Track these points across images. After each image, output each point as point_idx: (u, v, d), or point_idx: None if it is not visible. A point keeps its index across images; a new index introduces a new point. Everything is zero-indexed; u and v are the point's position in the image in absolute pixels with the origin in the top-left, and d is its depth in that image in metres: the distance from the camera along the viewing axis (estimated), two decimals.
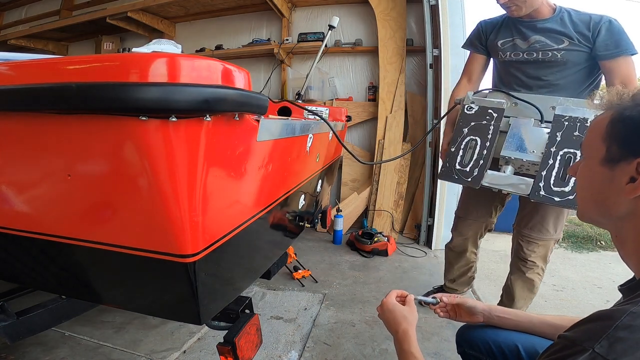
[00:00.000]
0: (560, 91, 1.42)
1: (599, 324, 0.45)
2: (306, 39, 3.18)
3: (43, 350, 1.48)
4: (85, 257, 0.78)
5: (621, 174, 0.50)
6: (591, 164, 0.55)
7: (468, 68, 1.69)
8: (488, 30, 1.58)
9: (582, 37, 1.35)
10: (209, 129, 0.63)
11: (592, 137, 0.55)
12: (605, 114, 0.54)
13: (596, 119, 0.57)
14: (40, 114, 0.65)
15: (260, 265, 1.19)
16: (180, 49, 1.06)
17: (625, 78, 1.31)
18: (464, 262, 1.82)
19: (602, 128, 0.53)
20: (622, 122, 0.50)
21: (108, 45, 3.95)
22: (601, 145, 0.53)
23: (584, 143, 0.59)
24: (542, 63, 1.43)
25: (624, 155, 0.50)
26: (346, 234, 3.02)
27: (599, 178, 0.54)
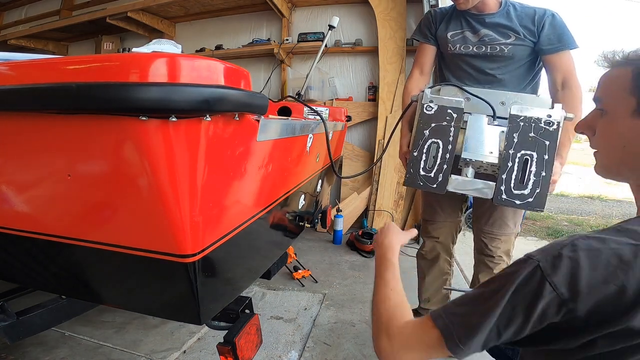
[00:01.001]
0: (505, 86, 1.41)
1: (556, 243, 0.51)
2: (306, 39, 3.18)
3: (43, 350, 1.48)
4: (85, 257, 0.78)
5: None
6: (619, 118, 0.56)
7: (419, 59, 1.61)
8: (438, 19, 1.53)
9: (527, 32, 1.36)
10: (209, 129, 0.63)
11: (615, 92, 0.56)
12: (621, 70, 0.56)
13: (611, 75, 0.58)
14: (40, 114, 0.65)
15: (260, 265, 1.19)
16: (180, 49, 1.06)
17: (567, 72, 1.34)
18: (437, 272, 1.68)
19: (626, 82, 0.54)
20: None
21: (108, 45, 3.95)
22: (629, 98, 0.54)
23: (602, 99, 0.59)
24: (490, 57, 1.42)
25: None
26: (346, 234, 3.02)
27: (632, 129, 0.55)
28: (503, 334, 0.52)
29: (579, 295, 0.47)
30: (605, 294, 0.46)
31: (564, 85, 1.34)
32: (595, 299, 0.47)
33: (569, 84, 1.35)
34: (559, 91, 1.35)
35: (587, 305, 0.47)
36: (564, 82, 1.35)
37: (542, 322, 0.50)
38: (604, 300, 0.46)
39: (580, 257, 0.48)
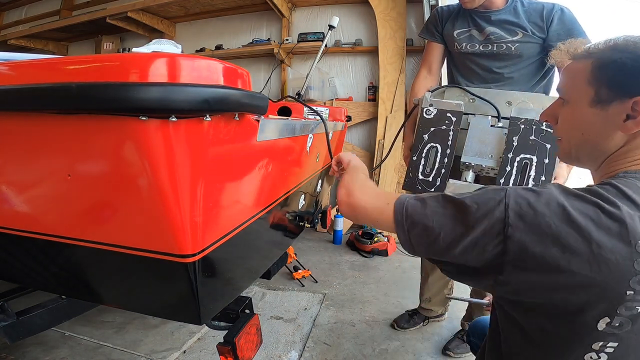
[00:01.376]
0: (514, 85, 1.39)
1: (527, 188, 0.55)
2: (306, 39, 3.17)
3: (43, 350, 1.48)
4: (85, 257, 0.78)
5: (616, 113, 0.56)
6: (578, 106, 0.60)
7: (427, 58, 1.60)
8: (444, 17, 1.51)
9: (535, 28, 1.32)
10: (209, 129, 0.63)
11: (575, 83, 0.60)
12: (583, 62, 0.60)
13: (572, 67, 0.62)
14: (40, 114, 0.65)
15: (260, 265, 1.19)
16: (180, 49, 1.06)
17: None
18: (439, 273, 1.67)
19: (586, 73, 0.58)
20: (607, 67, 0.56)
21: (108, 45, 3.95)
22: (587, 88, 0.58)
23: (563, 89, 0.64)
24: (497, 55, 1.39)
25: (616, 95, 0.55)
26: (346, 234, 3.02)
27: (590, 118, 0.59)
28: (442, 237, 0.56)
29: (521, 224, 0.51)
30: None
31: None
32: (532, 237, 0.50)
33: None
34: None
35: (522, 237, 0.50)
36: None
37: (477, 245, 0.53)
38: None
39: (541, 204, 0.51)
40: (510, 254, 0.51)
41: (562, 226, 0.49)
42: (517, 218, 0.51)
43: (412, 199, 0.63)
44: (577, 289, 0.49)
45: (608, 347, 0.51)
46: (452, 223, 0.56)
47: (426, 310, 1.74)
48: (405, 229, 0.61)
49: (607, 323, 0.50)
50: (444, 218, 0.57)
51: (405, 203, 0.63)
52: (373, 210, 0.69)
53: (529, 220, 0.50)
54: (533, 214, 0.51)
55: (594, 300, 0.49)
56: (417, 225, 0.60)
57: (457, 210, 0.56)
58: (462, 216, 0.55)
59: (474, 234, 0.53)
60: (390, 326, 1.76)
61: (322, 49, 1.74)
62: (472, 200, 0.56)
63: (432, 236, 0.58)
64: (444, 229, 0.56)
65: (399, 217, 0.62)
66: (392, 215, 0.64)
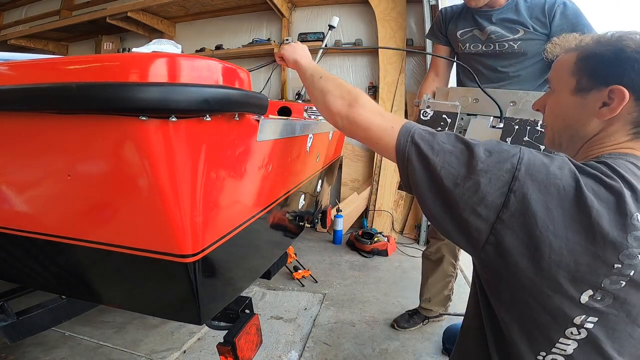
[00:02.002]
0: (521, 83, 1.37)
1: (540, 152, 0.56)
2: (306, 39, 3.17)
3: (43, 350, 1.48)
4: (85, 257, 0.78)
5: (593, 101, 0.59)
6: (561, 95, 0.64)
7: (434, 61, 1.59)
8: (448, 19, 1.50)
9: (538, 24, 1.29)
10: (209, 129, 0.63)
11: (561, 74, 0.64)
12: (570, 54, 0.63)
13: (560, 59, 0.66)
14: (40, 114, 0.65)
15: (260, 265, 1.19)
16: (180, 49, 1.06)
17: None
18: (440, 274, 1.67)
19: (570, 64, 0.62)
20: (589, 58, 0.60)
21: (108, 45, 3.95)
22: (570, 78, 0.62)
23: (552, 80, 0.67)
24: (500, 55, 1.37)
25: (595, 84, 0.59)
26: (346, 234, 3.02)
27: (571, 106, 0.63)
28: (442, 174, 0.55)
29: (528, 180, 0.51)
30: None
31: None
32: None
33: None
34: None
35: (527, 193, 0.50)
36: None
37: (478, 192, 0.52)
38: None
39: (554, 166, 0.52)
40: (509, 210, 0.51)
41: (570, 192, 0.49)
42: (527, 174, 0.51)
43: (420, 127, 0.62)
44: (568, 256, 0.49)
45: (588, 321, 0.52)
46: (457, 162, 0.55)
47: (426, 310, 1.74)
48: (405, 158, 0.60)
49: (589, 296, 0.51)
50: (450, 155, 0.56)
51: (412, 130, 0.61)
52: (377, 129, 0.66)
53: (539, 178, 0.50)
54: (545, 173, 0.51)
55: (582, 270, 0.49)
56: (419, 157, 0.58)
57: (467, 151, 0.55)
58: (469, 159, 0.54)
59: (477, 178, 0.52)
60: (390, 326, 1.76)
61: (322, 49, 1.74)
62: (484, 147, 0.55)
63: (431, 170, 0.56)
64: (445, 166, 0.55)
65: (402, 144, 0.60)
66: (394, 140, 0.61)
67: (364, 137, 0.69)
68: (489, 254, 0.54)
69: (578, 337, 0.53)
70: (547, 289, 0.51)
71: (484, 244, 0.53)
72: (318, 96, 0.80)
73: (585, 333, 0.52)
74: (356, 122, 0.69)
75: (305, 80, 0.87)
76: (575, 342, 0.53)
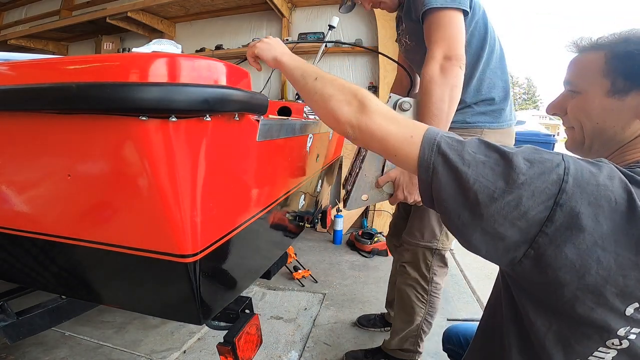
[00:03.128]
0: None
1: (583, 158, 0.53)
2: (306, 39, 3.18)
3: (43, 350, 1.48)
4: (85, 257, 0.78)
5: (634, 102, 0.56)
6: (591, 97, 0.60)
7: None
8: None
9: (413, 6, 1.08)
10: (209, 129, 0.63)
11: (588, 74, 0.60)
12: (594, 54, 0.60)
13: (582, 59, 0.62)
14: (40, 114, 0.65)
15: (260, 265, 1.19)
16: (180, 49, 1.06)
17: (429, 46, 0.99)
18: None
19: (599, 65, 0.58)
20: (623, 58, 0.56)
21: (108, 45, 3.95)
22: (603, 80, 0.58)
23: (575, 81, 0.63)
24: (412, 50, 1.25)
25: (633, 85, 0.56)
26: (346, 234, 3.02)
27: (607, 108, 0.59)
28: (476, 189, 0.50)
29: (577, 189, 0.47)
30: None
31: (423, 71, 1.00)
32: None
33: (424, 69, 0.99)
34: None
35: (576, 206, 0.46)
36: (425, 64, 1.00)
37: (519, 207, 0.48)
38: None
39: (603, 175, 0.48)
40: (554, 224, 0.46)
41: (622, 204, 0.45)
42: (575, 185, 0.46)
43: (445, 135, 0.56)
44: (617, 271, 0.46)
45: (632, 333, 0.49)
46: (492, 174, 0.50)
47: (388, 315, 1.75)
48: (430, 171, 0.54)
49: (635, 309, 0.48)
50: (484, 167, 0.50)
51: (437, 139, 0.55)
52: (395, 139, 0.59)
53: (589, 190, 0.46)
54: (595, 184, 0.46)
55: (631, 285, 0.46)
56: (447, 169, 0.52)
57: (503, 162, 0.50)
58: (508, 170, 0.49)
59: (519, 192, 0.47)
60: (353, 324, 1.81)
61: (322, 49, 1.74)
62: (523, 156, 0.50)
63: (463, 185, 0.51)
64: (479, 179, 0.50)
65: (427, 154, 0.55)
66: (416, 151, 0.56)
67: (380, 148, 0.63)
68: (526, 268, 0.50)
69: (619, 347, 0.50)
70: (591, 302, 0.48)
71: (522, 258, 0.50)
72: (318, 101, 0.71)
73: (627, 343, 0.50)
74: (370, 132, 0.62)
75: (296, 83, 0.78)
76: (615, 350, 0.51)
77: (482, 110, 1.20)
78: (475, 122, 1.20)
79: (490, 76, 1.18)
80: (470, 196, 0.50)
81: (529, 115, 13.57)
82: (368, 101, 0.65)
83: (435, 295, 1.33)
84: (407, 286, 1.34)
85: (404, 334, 1.37)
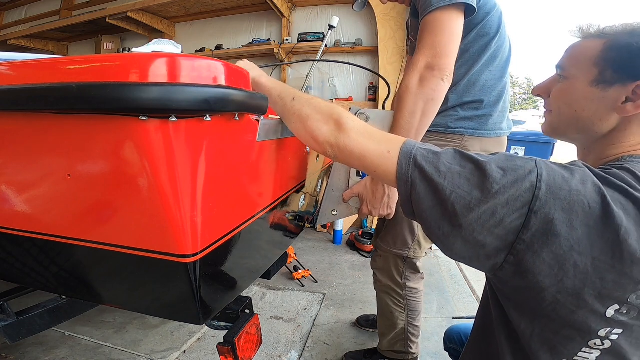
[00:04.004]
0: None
1: (557, 163, 0.53)
2: (306, 39, 3.18)
3: (43, 350, 1.48)
4: (85, 257, 0.78)
5: (615, 95, 0.56)
6: (577, 84, 0.60)
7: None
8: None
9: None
10: (209, 129, 0.63)
11: (580, 61, 0.60)
12: (593, 42, 0.59)
13: (580, 45, 0.61)
14: (40, 114, 0.65)
15: (260, 265, 1.19)
16: (180, 49, 1.06)
17: (418, 49, 0.95)
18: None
19: (594, 53, 0.57)
20: (620, 50, 0.55)
21: (108, 45, 3.95)
22: (592, 68, 0.58)
23: (565, 66, 0.62)
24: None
25: (620, 78, 0.55)
26: (346, 234, 3.02)
27: (588, 97, 0.58)
28: (453, 199, 0.50)
29: (550, 197, 0.47)
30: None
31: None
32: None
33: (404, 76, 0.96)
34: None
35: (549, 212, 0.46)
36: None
37: (495, 215, 0.48)
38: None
39: (576, 180, 0.48)
40: (530, 231, 0.47)
41: (595, 209, 0.46)
42: (549, 192, 0.47)
43: (421, 148, 0.56)
44: (594, 274, 0.47)
45: (613, 333, 0.50)
46: (468, 185, 0.50)
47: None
48: (408, 184, 0.55)
49: (615, 310, 0.48)
50: (460, 178, 0.51)
51: (413, 152, 0.56)
52: (373, 156, 0.60)
53: (562, 196, 0.46)
54: (568, 190, 0.46)
55: (609, 287, 0.47)
56: (424, 181, 0.53)
57: (477, 172, 0.51)
58: (482, 180, 0.50)
59: (494, 202, 0.48)
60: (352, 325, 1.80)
61: (322, 49, 1.74)
62: (496, 164, 0.50)
63: (440, 196, 0.51)
64: (456, 190, 0.50)
65: (404, 168, 0.55)
66: (394, 166, 0.56)
67: (360, 165, 0.64)
68: (508, 273, 0.51)
69: (602, 347, 0.51)
70: (571, 305, 0.49)
71: (502, 264, 0.50)
72: (296, 122, 0.73)
73: (610, 343, 0.51)
74: (349, 150, 0.63)
75: (274, 104, 0.78)
76: (598, 351, 0.52)
77: (466, 115, 1.14)
78: (458, 127, 1.14)
79: (486, 78, 1.14)
80: (449, 207, 0.51)
81: (529, 115, 13.57)
82: (345, 119, 0.65)
83: (413, 299, 1.32)
84: (383, 293, 1.34)
85: (392, 337, 1.37)
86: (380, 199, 0.99)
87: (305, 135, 0.72)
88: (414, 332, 1.36)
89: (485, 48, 1.11)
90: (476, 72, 1.13)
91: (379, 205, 0.99)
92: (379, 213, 1.01)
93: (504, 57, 1.17)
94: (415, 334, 1.36)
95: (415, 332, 1.36)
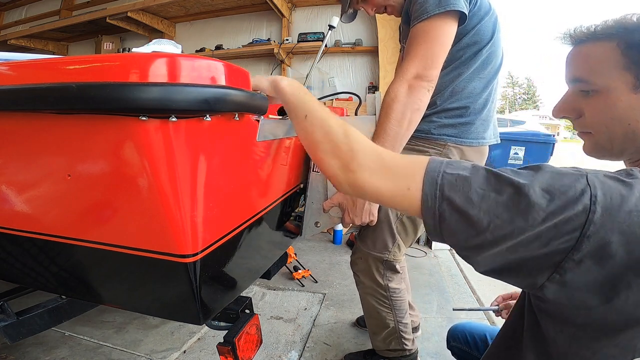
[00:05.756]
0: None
1: (611, 175, 0.47)
2: (306, 39, 3.18)
3: (43, 350, 1.48)
4: (85, 257, 0.78)
5: None
6: (615, 95, 0.53)
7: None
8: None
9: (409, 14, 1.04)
10: (209, 129, 0.63)
11: (604, 69, 0.53)
12: (601, 45, 0.53)
13: (589, 51, 0.55)
14: (40, 114, 0.65)
15: (260, 265, 1.19)
16: (180, 49, 1.06)
17: (406, 57, 0.96)
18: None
19: (615, 57, 0.52)
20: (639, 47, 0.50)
21: (108, 45, 3.95)
22: (624, 73, 0.52)
23: (585, 77, 0.56)
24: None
25: None
26: (346, 234, 3.02)
27: (634, 106, 0.52)
28: (491, 230, 0.45)
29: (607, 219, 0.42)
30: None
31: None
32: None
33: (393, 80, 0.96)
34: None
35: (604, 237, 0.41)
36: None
37: (540, 239, 0.44)
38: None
39: (635, 197, 0.43)
40: (581, 253, 0.43)
41: None
42: (605, 214, 0.42)
43: (448, 174, 0.50)
44: None
45: None
46: (508, 214, 0.45)
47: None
48: (436, 218, 0.50)
49: None
50: (497, 206, 0.46)
51: (438, 182, 0.50)
52: (390, 196, 0.54)
53: (620, 218, 0.41)
54: (627, 211, 0.41)
55: None
56: (455, 213, 0.48)
57: (518, 198, 0.45)
58: (525, 208, 0.44)
59: (540, 229, 0.43)
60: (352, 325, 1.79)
61: (322, 49, 1.74)
62: (540, 186, 0.44)
63: (476, 228, 0.47)
64: (495, 221, 0.45)
65: (430, 204, 0.50)
66: (418, 201, 0.51)
67: (377, 202, 0.59)
68: (551, 290, 0.46)
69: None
70: (620, 324, 0.46)
71: (546, 282, 0.46)
72: (308, 146, 0.67)
73: None
74: (362, 190, 0.57)
75: (290, 114, 0.72)
76: None
77: (450, 123, 1.12)
78: (441, 135, 1.12)
79: (474, 86, 1.11)
80: (487, 237, 0.46)
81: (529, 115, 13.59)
82: (354, 154, 0.59)
83: (398, 298, 1.32)
84: (367, 295, 1.33)
85: (384, 336, 1.36)
86: (362, 207, 0.99)
87: (316, 162, 0.66)
88: (406, 330, 1.36)
89: (477, 55, 1.10)
90: (465, 79, 1.11)
91: (361, 214, 0.99)
92: (362, 221, 1.00)
93: (495, 65, 1.15)
94: (406, 330, 1.36)
95: (406, 329, 1.36)
